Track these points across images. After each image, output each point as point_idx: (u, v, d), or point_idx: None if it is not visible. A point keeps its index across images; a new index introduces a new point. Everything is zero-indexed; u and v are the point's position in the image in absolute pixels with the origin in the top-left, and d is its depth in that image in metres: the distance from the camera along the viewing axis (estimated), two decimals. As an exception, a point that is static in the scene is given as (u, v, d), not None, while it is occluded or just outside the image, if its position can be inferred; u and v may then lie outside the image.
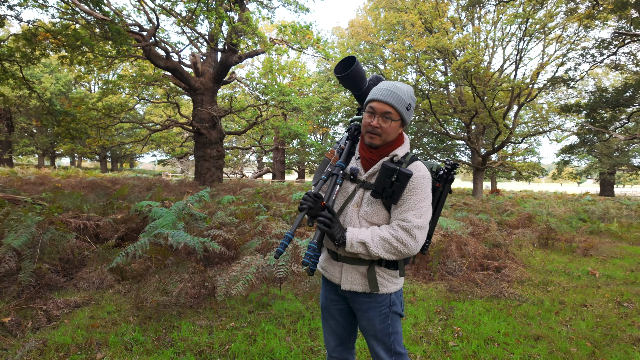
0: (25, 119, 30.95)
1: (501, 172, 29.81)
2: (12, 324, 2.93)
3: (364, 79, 1.67)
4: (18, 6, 11.65)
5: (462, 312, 3.69)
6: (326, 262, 1.68)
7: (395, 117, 1.48)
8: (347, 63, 1.65)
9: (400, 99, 1.48)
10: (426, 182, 1.52)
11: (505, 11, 18.60)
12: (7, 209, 4.49)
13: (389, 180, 1.44)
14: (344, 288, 1.58)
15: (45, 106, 14.65)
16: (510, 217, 9.36)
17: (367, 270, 1.56)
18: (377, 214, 1.52)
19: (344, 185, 1.60)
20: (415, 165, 1.53)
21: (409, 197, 1.48)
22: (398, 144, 1.57)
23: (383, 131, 1.49)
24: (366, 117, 1.52)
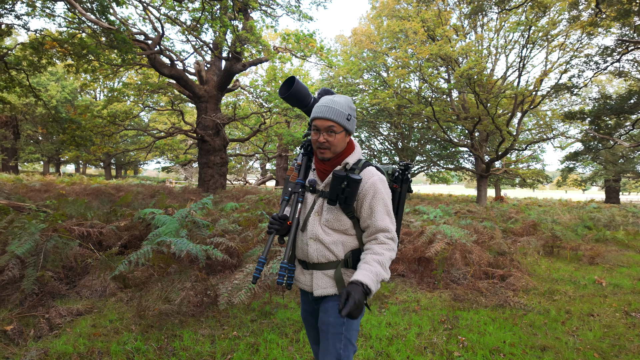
0: (31, 127, 31.22)
1: (505, 179, 29.68)
2: (14, 332, 2.92)
3: (307, 96, 1.76)
4: (26, 15, 11.82)
5: (467, 322, 3.65)
6: (298, 273, 1.74)
7: (338, 129, 1.56)
8: (289, 84, 1.74)
9: (339, 112, 1.56)
10: (382, 183, 1.60)
11: (508, 19, 18.66)
12: (12, 216, 4.51)
13: (340, 187, 1.52)
14: (317, 294, 1.64)
15: (51, 114, 14.77)
16: (515, 225, 9.29)
17: (334, 272, 1.63)
18: (338, 220, 1.60)
19: (305, 197, 1.69)
20: (367, 171, 1.61)
21: (376, 203, 1.57)
22: (348, 152, 1.65)
23: (331, 144, 1.57)
24: (313, 134, 1.61)
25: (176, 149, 28.56)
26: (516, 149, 21.45)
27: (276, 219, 1.59)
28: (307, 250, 1.64)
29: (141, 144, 27.82)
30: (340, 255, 1.62)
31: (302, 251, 1.67)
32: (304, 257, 1.67)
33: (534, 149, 27.35)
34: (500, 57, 20.94)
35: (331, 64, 17.24)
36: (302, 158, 1.77)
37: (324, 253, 1.62)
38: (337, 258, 1.62)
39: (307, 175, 1.73)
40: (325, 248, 1.61)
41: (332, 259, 1.62)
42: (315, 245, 1.62)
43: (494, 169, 21.12)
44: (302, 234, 1.66)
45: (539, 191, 72.74)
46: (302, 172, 1.71)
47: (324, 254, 1.62)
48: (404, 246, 5.45)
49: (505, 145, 19.57)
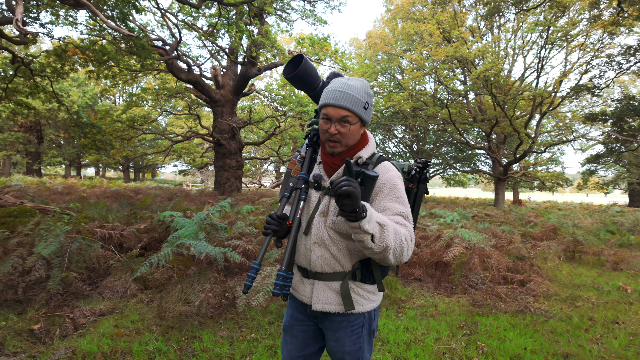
0: (54, 131, 32.20)
1: (523, 182, 29.12)
2: (41, 331, 3.02)
3: (315, 78, 1.54)
4: (50, 24, 12.22)
5: (486, 328, 3.60)
6: (296, 281, 1.54)
7: (353, 119, 1.35)
8: (295, 63, 1.51)
9: (355, 99, 1.34)
10: (399, 181, 1.41)
11: (526, 19, 18.38)
12: (38, 218, 4.66)
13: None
14: (315, 309, 1.43)
15: (73, 119, 15.19)
16: (534, 229, 9.11)
17: (340, 286, 1.42)
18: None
19: (308, 194, 1.48)
20: (383, 166, 1.42)
21: (391, 201, 1.37)
22: (362, 145, 1.45)
23: (343, 137, 1.36)
24: (322, 124, 1.38)
25: (193, 152, 29.00)
26: (535, 152, 21.04)
27: (274, 218, 1.35)
28: (310, 257, 1.44)
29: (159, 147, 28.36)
30: (348, 265, 1.42)
31: (304, 257, 1.47)
32: (305, 264, 1.47)
33: (553, 152, 26.78)
34: (518, 58, 20.65)
35: (345, 67, 17.27)
36: (306, 149, 1.54)
37: (330, 262, 1.41)
38: (343, 269, 1.42)
39: (312, 170, 1.50)
40: (331, 256, 1.41)
41: (338, 269, 1.42)
42: (320, 252, 1.42)
43: (511, 172, 20.77)
44: (305, 237, 1.46)
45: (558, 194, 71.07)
46: (306, 165, 1.48)
47: (329, 263, 1.41)
48: (421, 250, 5.41)
49: (523, 147, 19.22)
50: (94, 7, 6.71)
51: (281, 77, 19.99)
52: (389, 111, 25.48)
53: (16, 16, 5.50)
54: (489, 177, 28.28)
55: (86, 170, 48.65)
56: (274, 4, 15.10)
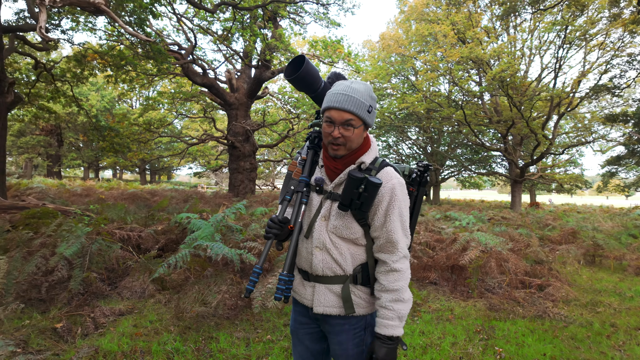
0: (74, 134, 33.00)
1: (541, 185, 28.56)
2: (63, 330, 3.10)
3: (317, 79, 1.52)
4: (70, 30, 12.57)
5: (504, 332, 3.54)
6: (297, 283, 1.54)
7: (357, 123, 1.35)
8: (296, 64, 1.49)
9: (359, 103, 1.33)
10: (400, 190, 1.39)
11: (543, 19, 18.07)
12: (60, 220, 4.78)
13: (357, 191, 1.30)
14: (317, 311, 1.45)
15: (92, 122, 15.57)
16: (553, 232, 8.92)
17: (342, 289, 1.42)
18: (348, 228, 1.39)
19: (310, 197, 1.48)
20: (385, 173, 1.40)
21: (391, 210, 1.36)
22: (364, 149, 1.43)
23: (347, 140, 1.35)
24: (325, 127, 1.37)
25: (208, 155, 29.36)
26: (552, 153, 20.62)
27: (275, 222, 1.37)
28: (311, 261, 1.45)
29: (174, 150, 28.78)
30: (349, 269, 1.42)
31: (305, 260, 1.47)
32: (307, 267, 1.48)
33: (571, 153, 26.19)
34: (535, 59, 20.31)
35: (359, 69, 17.27)
36: (307, 152, 1.53)
37: (331, 265, 1.42)
38: (344, 272, 1.43)
39: (313, 172, 1.50)
40: (333, 260, 1.41)
41: (339, 272, 1.42)
42: (322, 256, 1.42)
43: (528, 174, 20.39)
44: (307, 241, 1.46)
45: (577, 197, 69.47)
46: (307, 168, 1.48)
47: (331, 267, 1.42)
48: (436, 253, 5.37)
49: (540, 149, 18.88)
50: (113, 13, 6.88)
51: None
52: (402, 113, 25.34)
53: (40, 23, 5.68)
54: (505, 180, 27.87)
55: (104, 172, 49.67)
56: (288, 7, 15.21)
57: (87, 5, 6.48)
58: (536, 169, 22.21)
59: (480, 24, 19.12)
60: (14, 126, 27.36)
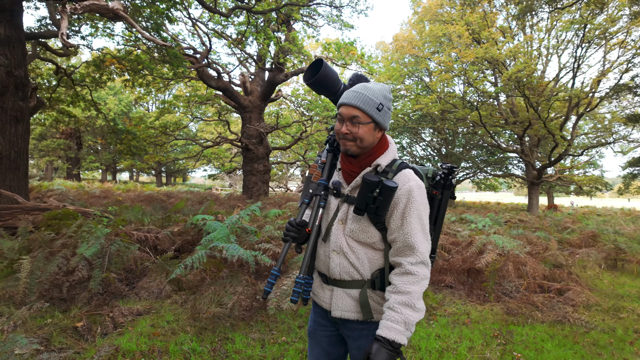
0: (92, 138, 33.80)
1: (559, 187, 27.95)
2: (84, 328, 3.17)
3: (336, 81, 1.51)
4: (89, 36, 12.89)
5: (522, 337, 3.48)
6: (316, 286, 1.53)
7: (364, 120, 1.33)
8: (315, 68, 1.50)
9: (368, 100, 1.32)
10: (418, 192, 1.34)
11: (560, 18, 17.72)
12: (80, 221, 4.90)
13: (371, 195, 1.28)
14: (335, 315, 1.43)
15: (110, 125, 15.95)
16: (572, 236, 8.72)
17: (359, 294, 1.40)
18: (364, 232, 1.38)
19: (328, 201, 1.48)
20: (403, 175, 1.36)
21: (408, 213, 1.32)
22: (381, 151, 1.41)
23: (355, 136, 1.34)
24: (337, 125, 1.40)
25: (222, 157, 29.67)
26: (571, 155, 20.19)
27: (293, 225, 1.39)
28: (329, 264, 1.44)
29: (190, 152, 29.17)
30: (367, 274, 1.40)
31: (323, 264, 1.47)
32: (324, 270, 1.47)
33: (591, 154, 25.55)
34: (552, 58, 19.94)
35: (372, 71, 17.22)
36: (326, 155, 1.53)
37: (348, 270, 1.40)
38: (362, 277, 1.40)
39: (332, 176, 1.50)
40: (350, 264, 1.40)
41: (356, 277, 1.40)
42: (339, 260, 1.41)
43: (546, 176, 19.99)
44: (324, 244, 1.46)
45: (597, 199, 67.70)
46: (326, 171, 1.48)
47: (348, 271, 1.40)
48: (452, 257, 5.30)
49: (558, 150, 18.48)
50: (130, 19, 7.04)
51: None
52: (416, 114, 25.15)
53: (61, 30, 5.84)
54: (521, 181, 27.36)
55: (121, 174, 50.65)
56: (301, 10, 15.29)
57: (106, 12, 6.64)
58: (554, 170, 21.76)
59: (495, 23, 18.87)
60: (35, 130, 28.15)
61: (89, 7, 6.27)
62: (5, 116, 7.02)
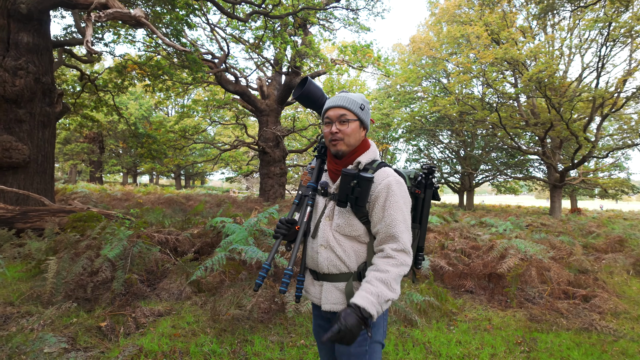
0: (114, 142, 34.68)
1: (582, 190, 27.15)
2: (107, 328, 3.24)
3: (321, 97, 1.67)
4: (112, 43, 13.27)
5: (547, 345, 3.38)
6: (308, 283, 1.61)
7: (351, 117, 1.48)
8: (301, 85, 1.65)
9: (351, 101, 1.49)
10: (397, 186, 1.44)
11: (583, 16, 17.27)
12: (104, 223, 5.03)
13: (350, 186, 1.39)
14: (325, 309, 1.51)
15: (131, 130, 16.32)
16: (597, 240, 8.44)
17: (345, 286, 1.47)
18: (350, 225, 1.47)
19: (316, 201, 1.59)
20: (382, 172, 1.47)
21: (388, 206, 1.41)
22: (361, 150, 1.53)
23: (344, 134, 1.47)
24: (325, 129, 1.52)
25: (239, 160, 30.02)
26: (595, 157, 19.57)
27: (283, 222, 1.49)
28: (317, 259, 1.51)
29: (208, 156, 29.62)
30: (353, 266, 1.48)
31: (312, 260, 1.55)
32: (314, 266, 1.55)
33: (616, 156, 24.74)
34: (575, 58, 19.40)
35: (388, 73, 17.14)
36: (315, 161, 1.66)
37: (335, 263, 1.48)
38: (349, 269, 1.48)
39: (320, 179, 1.62)
40: (337, 257, 1.48)
41: (343, 270, 1.48)
42: (326, 254, 1.49)
43: (569, 179, 19.45)
44: (313, 240, 1.55)
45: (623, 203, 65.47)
46: (315, 175, 1.61)
47: (335, 264, 1.48)
48: (472, 261, 5.21)
49: (582, 152, 17.96)
50: (152, 25, 7.21)
51: (324, 85, 20.22)
52: (433, 116, 24.89)
53: (86, 37, 6.03)
54: (543, 184, 26.68)
55: (141, 177, 51.78)
56: (318, 14, 15.36)
57: (128, 19, 6.82)
58: (577, 173, 21.15)
59: (515, 23, 18.53)
60: (60, 134, 29.09)
61: (113, 15, 6.46)
62: (33, 121, 7.28)
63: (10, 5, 6.84)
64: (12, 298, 3.80)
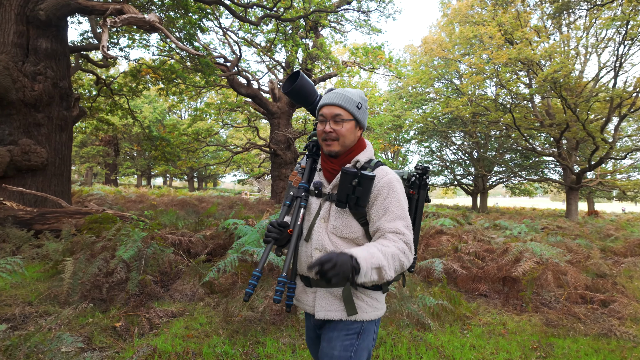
0: (129, 144, 35.26)
1: (600, 192, 26.55)
2: (122, 329, 3.29)
3: (312, 93, 1.59)
4: (127, 48, 13.52)
5: (564, 351, 3.31)
6: (299, 291, 1.51)
7: (346, 116, 1.41)
8: (292, 79, 1.56)
9: (348, 99, 1.41)
10: (398, 185, 1.40)
11: (600, 15, 16.93)
12: (119, 225, 5.11)
13: (351, 185, 1.32)
14: (319, 316, 1.41)
15: (145, 133, 16.58)
16: (616, 244, 8.24)
17: (343, 291, 1.38)
18: (347, 227, 1.40)
19: (309, 202, 1.50)
20: (382, 170, 1.43)
21: (390, 203, 1.36)
22: (359, 149, 1.48)
23: (339, 134, 1.39)
24: (319, 126, 1.45)
25: (251, 162, 30.22)
26: (613, 158, 19.13)
27: (275, 225, 1.39)
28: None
29: (220, 158, 29.92)
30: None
31: (306, 265, 1.45)
32: (307, 272, 1.45)
33: (635, 157, 24.13)
34: (591, 57, 19.03)
35: (400, 75, 17.07)
36: (306, 160, 1.57)
37: None
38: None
39: (312, 179, 1.53)
40: None
41: None
42: None
43: (585, 180, 19.05)
44: (307, 244, 1.46)
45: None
46: (306, 174, 1.51)
47: None
48: (486, 264, 5.14)
49: (599, 153, 17.58)
50: (166, 30, 7.32)
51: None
52: (446, 117, 24.68)
53: (102, 42, 6.16)
54: (559, 186, 26.19)
55: (155, 180, 52.52)
56: (329, 16, 15.39)
57: (143, 24, 6.95)
58: (594, 175, 20.69)
59: (529, 23, 18.27)
60: (77, 138, 29.70)
61: (128, 20, 6.58)
62: (51, 125, 7.45)
63: (30, 12, 7.02)
64: (31, 298, 3.89)
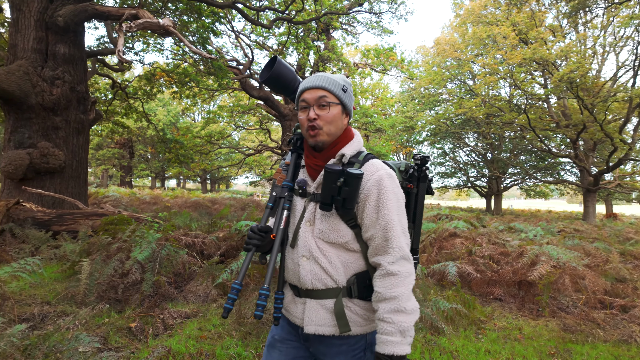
0: (143, 147, 35.83)
1: (618, 194, 25.90)
2: (137, 329, 3.33)
3: (293, 80, 1.42)
4: (141, 52, 13.76)
5: (583, 357, 3.23)
6: (288, 301, 1.36)
7: (332, 99, 1.24)
8: (269, 66, 1.42)
9: (332, 80, 1.25)
10: (389, 181, 1.22)
11: (618, 13, 16.57)
12: (134, 226, 5.19)
13: (335, 185, 1.16)
14: (308, 331, 1.25)
15: (160, 135, 16.85)
16: (636, 247, 8.02)
17: (334, 304, 1.24)
18: (335, 231, 1.23)
19: (293, 203, 1.34)
20: (371, 165, 1.25)
21: (382, 205, 1.20)
22: (345, 140, 1.30)
23: (324, 120, 1.23)
24: (301, 114, 1.27)
25: (263, 164, 30.40)
26: (632, 159, 18.66)
27: (255, 231, 1.22)
28: (299, 272, 1.27)
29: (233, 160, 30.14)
30: (341, 280, 1.24)
31: (293, 273, 1.30)
32: (295, 280, 1.30)
33: (656, 159, 23.48)
34: (609, 57, 18.61)
35: (412, 76, 17.00)
36: (290, 156, 1.41)
37: (320, 276, 1.24)
38: (336, 284, 1.24)
39: (297, 176, 1.37)
40: (322, 269, 1.24)
41: (330, 284, 1.24)
42: (309, 266, 1.25)
43: (603, 182, 18.61)
44: (293, 250, 1.31)
45: (663, 207, 61.95)
46: (291, 172, 1.35)
47: (320, 278, 1.24)
48: (501, 268, 5.05)
49: (617, 155, 17.15)
50: (179, 34, 7.43)
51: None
52: (459, 118, 24.42)
53: (118, 47, 6.28)
54: (575, 188, 25.65)
55: (169, 181, 53.22)
56: (341, 18, 15.41)
57: (157, 29, 7.06)
58: (612, 176, 20.20)
59: (544, 22, 17.98)
60: (93, 140, 30.30)
61: (143, 25, 6.70)
62: (68, 128, 7.62)
63: (48, 19, 7.21)
64: (49, 297, 3.97)
